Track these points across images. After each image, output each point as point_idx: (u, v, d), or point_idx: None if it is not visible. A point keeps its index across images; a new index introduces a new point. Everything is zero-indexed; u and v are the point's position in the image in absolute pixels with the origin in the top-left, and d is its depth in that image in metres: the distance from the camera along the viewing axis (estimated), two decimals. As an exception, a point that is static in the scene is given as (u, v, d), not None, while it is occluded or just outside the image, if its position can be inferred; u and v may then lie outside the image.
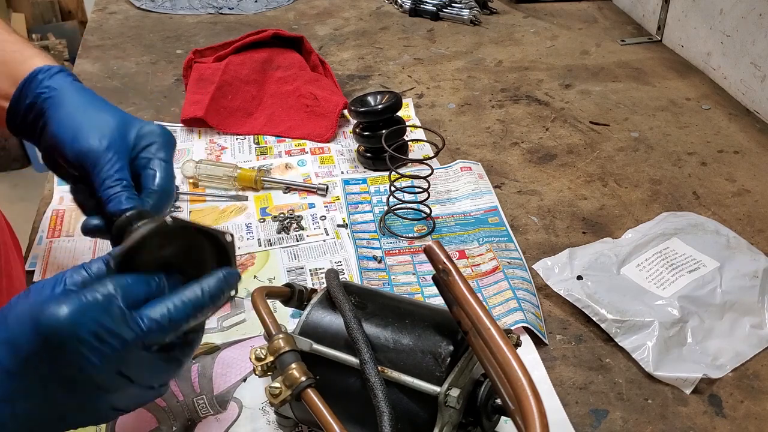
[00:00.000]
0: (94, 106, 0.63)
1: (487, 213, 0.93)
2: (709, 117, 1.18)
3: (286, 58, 1.22)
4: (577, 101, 1.23)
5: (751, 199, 0.98)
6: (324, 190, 0.97)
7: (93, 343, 0.45)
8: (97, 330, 0.45)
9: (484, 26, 1.53)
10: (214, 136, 1.11)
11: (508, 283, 0.80)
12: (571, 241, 0.89)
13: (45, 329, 0.45)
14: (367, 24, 1.54)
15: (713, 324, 0.75)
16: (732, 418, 0.67)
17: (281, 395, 0.53)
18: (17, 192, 2.93)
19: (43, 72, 0.66)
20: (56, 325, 0.45)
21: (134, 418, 0.65)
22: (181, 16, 1.56)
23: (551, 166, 1.05)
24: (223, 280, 0.52)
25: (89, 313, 0.46)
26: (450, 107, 1.21)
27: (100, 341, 0.45)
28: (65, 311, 0.45)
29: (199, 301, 0.50)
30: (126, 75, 1.30)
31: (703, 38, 1.31)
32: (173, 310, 0.49)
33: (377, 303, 0.61)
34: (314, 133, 1.10)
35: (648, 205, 0.96)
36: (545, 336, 0.75)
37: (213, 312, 0.53)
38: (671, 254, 0.82)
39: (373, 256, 0.86)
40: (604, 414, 0.67)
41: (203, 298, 0.51)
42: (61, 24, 3.26)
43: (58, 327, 0.45)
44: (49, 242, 0.86)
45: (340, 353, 0.57)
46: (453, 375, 0.54)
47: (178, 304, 0.49)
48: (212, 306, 0.52)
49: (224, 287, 0.52)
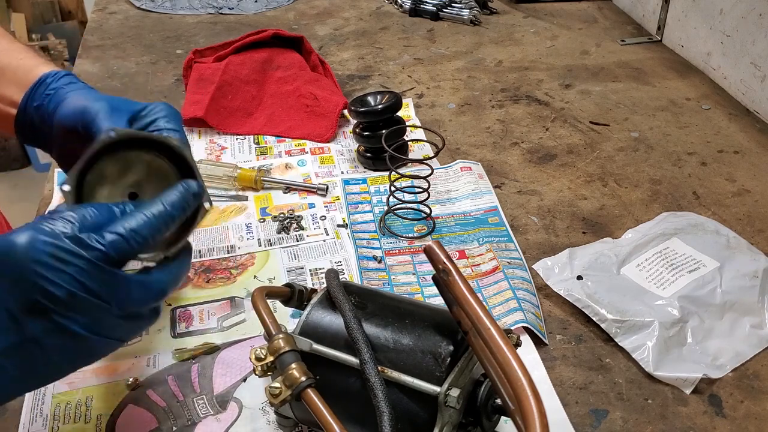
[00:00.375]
0: (101, 94, 0.63)
1: (487, 213, 0.93)
2: (709, 117, 1.18)
3: (286, 58, 1.22)
4: (577, 101, 1.23)
5: (751, 199, 0.98)
6: (324, 190, 0.97)
7: (51, 263, 0.47)
8: (54, 251, 0.47)
9: (484, 26, 1.53)
10: (214, 136, 1.11)
11: (508, 283, 0.80)
12: (571, 241, 0.89)
13: (8, 253, 0.47)
14: (367, 24, 1.54)
15: (713, 324, 0.75)
16: (732, 418, 0.67)
17: (281, 395, 0.53)
18: (17, 192, 2.93)
19: (51, 76, 0.66)
20: (9, 250, 0.47)
21: (134, 418, 0.65)
22: (181, 16, 1.56)
23: (551, 166, 1.05)
24: (184, 190, 0.53)
25: (43, 238, 0.47)
26: (450, 107, 1.21)
27: (59, 261, 0.47)
28: (20, 238, 0.47)
29: (161, 213, 0.52)
30: (126, 75, 1.30)
31: (703, 38, 1.31)
32: (135, 225, 0.50)
33: (377, 303, 0.61)
34: (314, 133, 1.10)
35: (648, 205, 0.96)
36: (545, 336, 0.75)
37: (180, 222, 0.53)
38: (671, 254, 0.82)
39: (373, 256, 0.86)
40: (604, 414, 0.67)
41: (165, 209, 0.52)
42: (61, 24, 3.26)
43: (12, 251, 0.47)
44: (49, 242, 0.86)
45: (340, 353, 0.57)
46: (453, 375, 0.54)
47: (139, 219, 0.51)
48: (178, 216, 0.53)
49: (186, 196, 0.53)
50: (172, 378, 0.70)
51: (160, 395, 0.68)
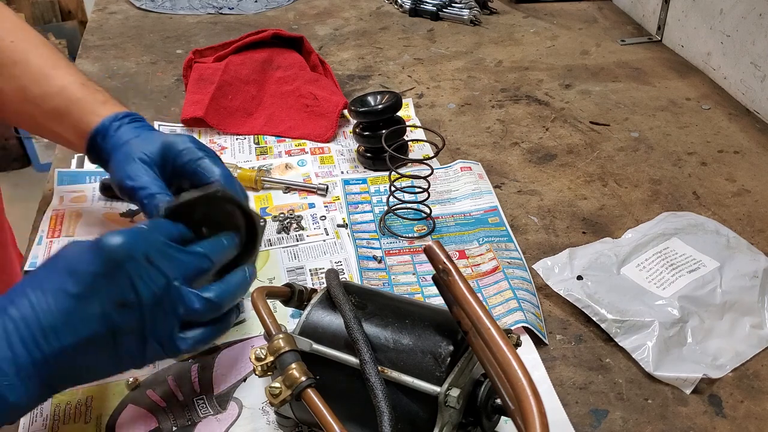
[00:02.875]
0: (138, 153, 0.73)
1: (487, 213, 0.93)
2: (709, 117, 1.18)
3: (286, 58, 1.22)
4: (577, 101, 1.23)
5: (751, 199, 0.98)
6: (324, 190, 0.97)
7: (143, 263, 0.56)
8: (147, 252, 0.56)
9: (484, 26, 1.53)
10: (214, 136, 1.11)
11: (508, 283, 0.80)
12: (571, 241, 0.89)
13: (107, 251, 0.55)
14: (367, 24, 1.54)
15: (713, 324, 0.75)
16: (732, 418, 0.67)
17: (281, 395, 0.53)
18: (17, 192, 2.93)
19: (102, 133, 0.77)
20: (115, 247, 0.55)
21: (134, 418, 0.65)
22: (181, 16, 1.56)
23: (551, 166, 1.05)
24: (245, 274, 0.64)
25: (140, 239, 0.57)
26: (450, 107, 1.21)
27: (149, 262, 0.56)
28: (122, 237, 0.56)
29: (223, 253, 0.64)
30: (126, 75, 1.30)
31: (703, 38, 1.31)
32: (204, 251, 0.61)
33: (377, 303, 0.61)
34: (314, 133, 1.10)
35: (648, 205, 0.96)
36: (545, 336, 0.75)
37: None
38: (671, 254, 0.82)
39: (373, 256, 0.86)
40: (604, 414, 0.67)
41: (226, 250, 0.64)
42: (61, 24, 3.25)
43: (117, 248, 0.55)
44: (49, 242, 0.86)
45: (340, 353, 0.57)
46: (453, 375, 0.54)
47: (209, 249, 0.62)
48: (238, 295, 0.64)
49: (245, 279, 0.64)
50: (172, 378, 0.70)
51: (160, 395, 0.68)
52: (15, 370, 0.52)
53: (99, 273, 0.54)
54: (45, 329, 0.53)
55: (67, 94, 0.79)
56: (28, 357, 0.52)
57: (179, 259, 0.58)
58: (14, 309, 0.53)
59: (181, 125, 1.12)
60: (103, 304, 0.54)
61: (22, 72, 0.80)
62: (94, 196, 0.94)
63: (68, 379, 0.56)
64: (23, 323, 0.52)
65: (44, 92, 0.80)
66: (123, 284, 0.55)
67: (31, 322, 0.52)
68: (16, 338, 0.52)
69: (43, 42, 0.83)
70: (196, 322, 0.60)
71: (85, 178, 0.98)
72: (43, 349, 0.53)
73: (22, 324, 0.52)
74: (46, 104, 0.80)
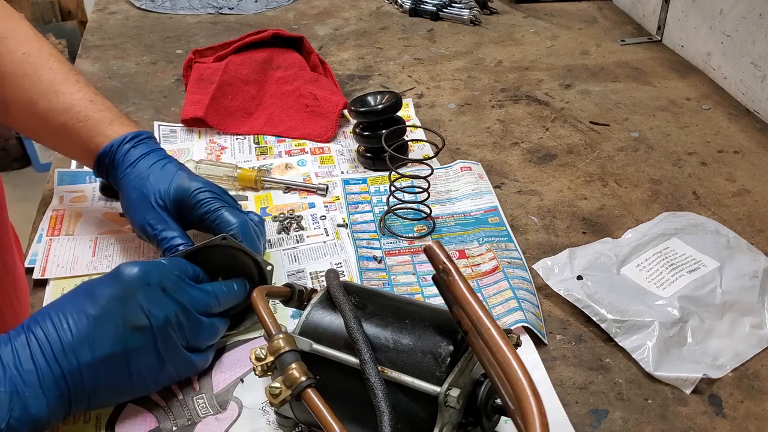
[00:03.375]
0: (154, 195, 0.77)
1: (487, 213, 0.93)
2: (709, 117, 1.18)
3: (286, 58, 1.22)
4: (577, 101, 1.23)
5: (751, 199, 0.98)
6: (324, 190, 0.97)
7: (157, 291, 0.62)
8: (162, 281, 0.62)
9: (484, 26, 1.53)
10: (214, 136, 1.11)
11: (508, 283, 0.80)
12: (571, 241, 0.89)
13: (124, 277, 0.61)
14: (367, 24, 1.54)
15: (713, 324, 0.75)
16: (732, 418, 0.67)
17: (281, 395, 0.53)
18: (17, 192, 2.92)
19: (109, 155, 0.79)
20: (133, 274, 0.61)
21: (134, 418, 0.65)
22: (181, 16, 1.56)
23: (551, 166, 1.05)
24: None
25: (156, 270, 0.63)
26: (450, 107, 1.21)
27: (163, 290, 0.62)
28: (140, 266, 0.62)
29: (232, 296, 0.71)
30: (126, 75, 1.30)
31: (703, 38, 1.31)
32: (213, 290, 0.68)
33: (377, 303, 0.61)
34: (314, 133, 1.10)
35: (648, 205, 0.96)
36: (545, 336, 0.75)
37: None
38: (671, 254, 0.82)
39: (373, 256, 0.86)
40: (604, 414, 0.67)
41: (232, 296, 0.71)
42: (61, 24, 3.25)
43: (135, 275, 0.61)
44: (49, 240, 0.86)
45: (340, 353, 0.57)
46: (453, 375, 0.54)
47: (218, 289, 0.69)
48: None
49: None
50: (172, 378, 0.70)
51: (160, 395, 0.68)
52: (37, 382, 0.56)
53: (116, 297, 0.60)
54: (65, 347, 0.58)
55: (74, 112, 0.80)
56: (49, 371, 0.57)
57: (189, 293, 0.65)
58: (38, 328, 0.58)
59: (181, 125, 1.12)
60: (119, 326, 0.59)
61: (32, 85, 0.80)
62: (94, 196, 0.95)
63: (84, 398, 0.59)
64: (46, 340, 0.57)
65: (52, 108, 0.80)
66: (137, 308, 0.60)
67: (52, 340, 0.58)
68: (39, 354, 0.57)
69: (54, 56, 0.83)
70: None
71: (85, 178, 0.98)
72: (62, 365, 0.57)
73: (45, 341, 0.57)
74: (53, 120, 0.80)
